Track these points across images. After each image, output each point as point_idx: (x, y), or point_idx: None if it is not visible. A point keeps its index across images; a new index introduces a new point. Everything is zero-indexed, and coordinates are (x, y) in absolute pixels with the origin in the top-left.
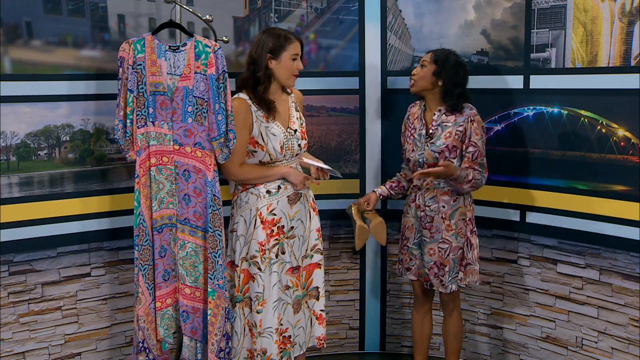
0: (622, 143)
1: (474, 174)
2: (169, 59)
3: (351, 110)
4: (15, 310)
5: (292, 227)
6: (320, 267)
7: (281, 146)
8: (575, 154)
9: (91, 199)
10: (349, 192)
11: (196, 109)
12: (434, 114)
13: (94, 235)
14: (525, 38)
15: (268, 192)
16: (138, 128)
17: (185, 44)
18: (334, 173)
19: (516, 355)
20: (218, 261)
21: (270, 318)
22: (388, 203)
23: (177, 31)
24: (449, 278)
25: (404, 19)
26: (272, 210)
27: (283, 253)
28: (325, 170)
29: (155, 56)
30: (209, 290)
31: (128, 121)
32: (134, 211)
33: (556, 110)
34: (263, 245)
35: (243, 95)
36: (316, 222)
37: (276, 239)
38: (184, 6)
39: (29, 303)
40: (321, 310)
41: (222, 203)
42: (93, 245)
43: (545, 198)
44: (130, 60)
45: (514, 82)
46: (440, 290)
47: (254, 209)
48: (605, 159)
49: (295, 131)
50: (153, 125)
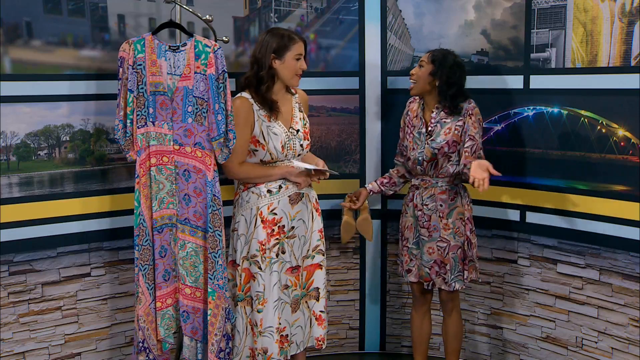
0: (622, 143)
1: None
2: (169, 59)
3: (351, 110)
4: (15, 310)
5: (293, 227)
6: (321, 268)
7: (282, 145)
8: (575, 154)
9: (91, 199)
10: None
11: (196, 109)
12: (432, 112)
13: (94, 235)
14: (525, 38)
15: (269, 192)
16: (138, 128)
17: (185, 44)
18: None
19: (516, 355)
20: (218, 261)
21: (270, 317)
22: (388, 203)
23: (177, 31)
24: (452, 276)
25: (404, 19)
26: (273, 209)
27: (283, 253)
28: (319, 171)
29: (155, 56)
30: (209, 290)
31: (128, 121)
32: (134, 211)
33: (556, 110)
34: (263, 244)
35: (245, 94)
36: (319, 223)
37: (277, 239)
38: (184, 6)
39: (29, 303)
40: (321, 311)
41: (223, 203)
42: (93, 245)
43: (545, 198)
44: (130, 60)
45: (514, 82)
46: (443, 288)
47: (255, 208)
48: (605, 159)
49: (297, 131)
50: (153, 125)
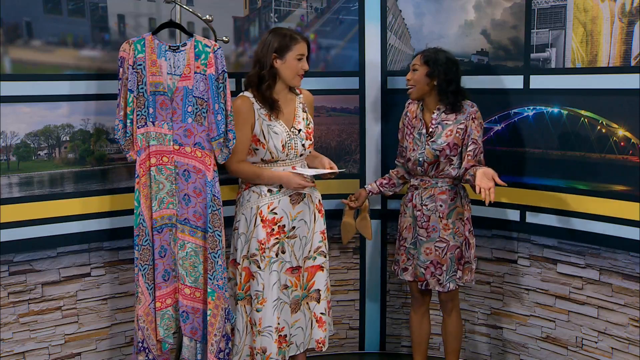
0: (622, 143)
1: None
2: (169, 59)
3: (351, 110)
4: (15, 310)
5: (294, 227)
6: (322, 270)
7: (283, 145)
8: (575, 154)
9: (91, 199)
10: (349, 192)
11: (196, 109)
12: (433, 113)
13: (94, 235)
14: (525, 38)
15: (269, 191)
16: (138, 128)
17: (185, 44)
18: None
19: (516, 355)
20: (218, 261)
21: (270, 317)
22: (388, 203)
23: (177, 31)
24: (447, 277)
25: (404, 19)
26: (273, 209)
27: (283, 252)
28: (322, 175)
29: (155, 56)
30: (209, 290)
31: (128, 121)
32: (134, 211)
33: (556, 110)
34: (263, 243)
35: (247, 93)
36: (321, 224)
37: (276, 238)
38: (184, 6)
39: (29, 303)
40: (321, 313)
41: (223, 203)
42: (93, 245)
43: (545, 198)
44: (130, 60)
45: (514, 82)
46: (437, 289)
47: (255, 207)
48: (605, 159)
49: (299, 131)
50: (153, 125)
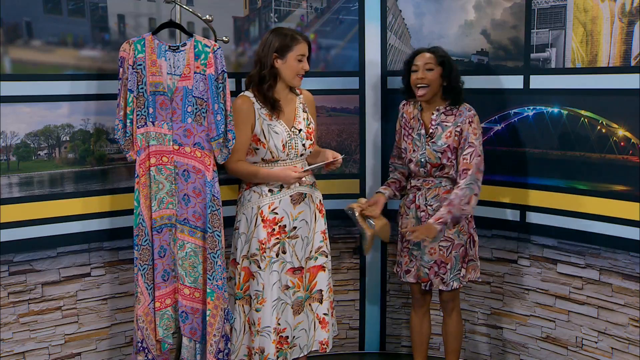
0: (622, 143)
1: (459, 197)
2: (169, 59)
3: (351, 110)
4: (15, 310)
5: (295, 227)
6: (324, 270)
7: (283, 144)
8: (575, 154)
9: (91, 199)
10: (349, 192)
11: (196, 109)
12: (433, 114)
13: (94, 235)
14: (525, 38)
15: (270, 191)
16: (138, 128)
17: (185, 44)
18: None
19: (516, 355)
20: (217, 262)
21: (268, 317)
22: (388, 203)
23: (177, 31)
24: (451, 275)
25: (404, 19)
26: (274, 209)
27: (284, 252)
28: (329, 163)
29: (155, 56)
30: (208, 291)
31: (128, 121)
32: (134, 211)
33: (556, 110)
34: (263, 243)
35: (247, 93)
36: (322, 224)
37: (277, 238)
38: (184, 6)
39: (29, 303)
40: (324, 314)
41: (222, 203)
42: (93, 245)
43: (545, 198)
44: (130, 60)
45: (514, 82)
46: (441, 288)
47: (256, 207)
48: (605, 159)
49: (300, 131)
50: (153, 125)
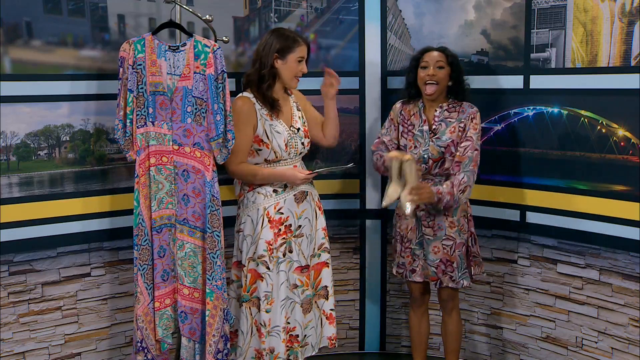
0: (622, 143)
1: (460, 181)
2: (169, 59)
3: (351, 110)
4: (15, 310)
5: (300, 226)
6: (328, 266)
7: (286, 144)
8: (575, 154)
9: (91, 199)
10: (349, 192)
11: (195, 109)
12: (436, 111)
13: (94, 235)
14: (525, 38)
15: (275, 191)
16: (138, 128)
17: (184, 44)
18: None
19: (516, 355)
20: (216, 262)
21: (277, 316)
22: None
23: (177, 31)
24: (459, 274)
25: (404, 19)
26: (280, 209)
27: (290, 252)
28: (334, 169)
29: (155, 56)
30: (207, 291)
31: (128, 121)
32: (134, 211)
33: (556, 110)
34: (271, 244)
35: (247, 94)
36: (322, 221)
37: (283, 238)
38: (184, 6)
39: (29, 303)
40: (331, 309)
41: (222, 203)
42: (93, 245)
43: (545, 198)
44: (130, 60)
45: (514, 82)
46: (451, 285)
47: (262, 209)
48: (605, 159)
49: (298, 129)
50: (153, 125)
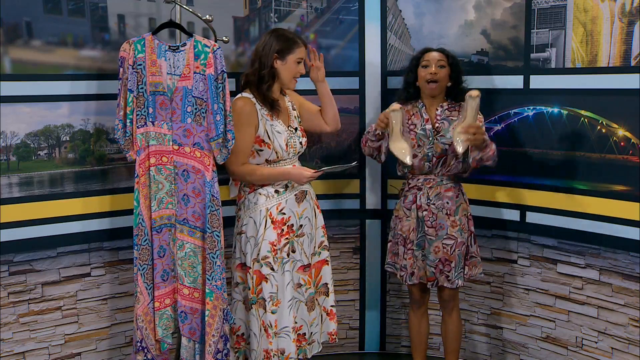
0: (622, 143)
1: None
2: (169, 59)
3: (351, 110)
4: (15, 310)
5: (301, 226)
6: (327, 264)
7: (286, 144)
8: (575, 154)
9: (91, 199)
10: (349, 192)
11: (195, 109)
12: (437, 109)
13: (94, 235)
14: (525, 38)
15: (276, 192)
16: (138, 128)
17: (184, 44)
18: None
19: (516, 355)
20: (216, 262)
21: (286, 317)
22: (388, 203)
23: (177, 31)
24: (455, 273)
25: (404, 19)
26: (282, 209)
27: (294, 252)
28: (340, 167)
29: (155, 56)
30: (207, 291)
31: (128, 121)
32: (134, 211)
33: (556, 110)
34: (275, 245)
35: (246, 94)
36: (321, 219)
37: (287, 238)
38: (184, 6)
39: (29, 303)
40: (331, 306)
41: (222, 203)
42: (93, 245)
43: (545, 198)
44: (130, 60)
45: (514, 82)
46: (446, 285)
47: (264, 210)
48: (605, 159)
49: (295, 129)
50: (153, 125)
